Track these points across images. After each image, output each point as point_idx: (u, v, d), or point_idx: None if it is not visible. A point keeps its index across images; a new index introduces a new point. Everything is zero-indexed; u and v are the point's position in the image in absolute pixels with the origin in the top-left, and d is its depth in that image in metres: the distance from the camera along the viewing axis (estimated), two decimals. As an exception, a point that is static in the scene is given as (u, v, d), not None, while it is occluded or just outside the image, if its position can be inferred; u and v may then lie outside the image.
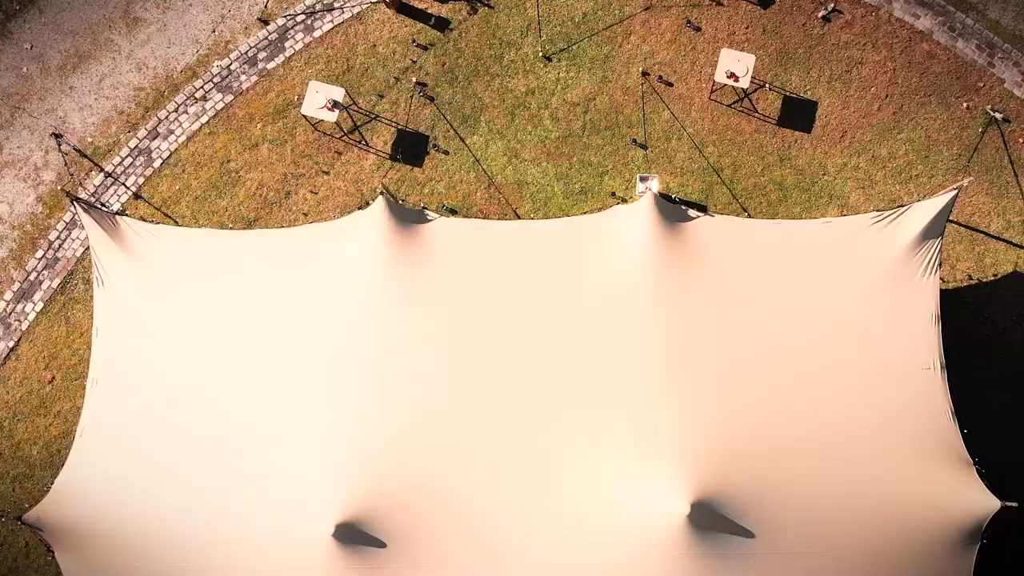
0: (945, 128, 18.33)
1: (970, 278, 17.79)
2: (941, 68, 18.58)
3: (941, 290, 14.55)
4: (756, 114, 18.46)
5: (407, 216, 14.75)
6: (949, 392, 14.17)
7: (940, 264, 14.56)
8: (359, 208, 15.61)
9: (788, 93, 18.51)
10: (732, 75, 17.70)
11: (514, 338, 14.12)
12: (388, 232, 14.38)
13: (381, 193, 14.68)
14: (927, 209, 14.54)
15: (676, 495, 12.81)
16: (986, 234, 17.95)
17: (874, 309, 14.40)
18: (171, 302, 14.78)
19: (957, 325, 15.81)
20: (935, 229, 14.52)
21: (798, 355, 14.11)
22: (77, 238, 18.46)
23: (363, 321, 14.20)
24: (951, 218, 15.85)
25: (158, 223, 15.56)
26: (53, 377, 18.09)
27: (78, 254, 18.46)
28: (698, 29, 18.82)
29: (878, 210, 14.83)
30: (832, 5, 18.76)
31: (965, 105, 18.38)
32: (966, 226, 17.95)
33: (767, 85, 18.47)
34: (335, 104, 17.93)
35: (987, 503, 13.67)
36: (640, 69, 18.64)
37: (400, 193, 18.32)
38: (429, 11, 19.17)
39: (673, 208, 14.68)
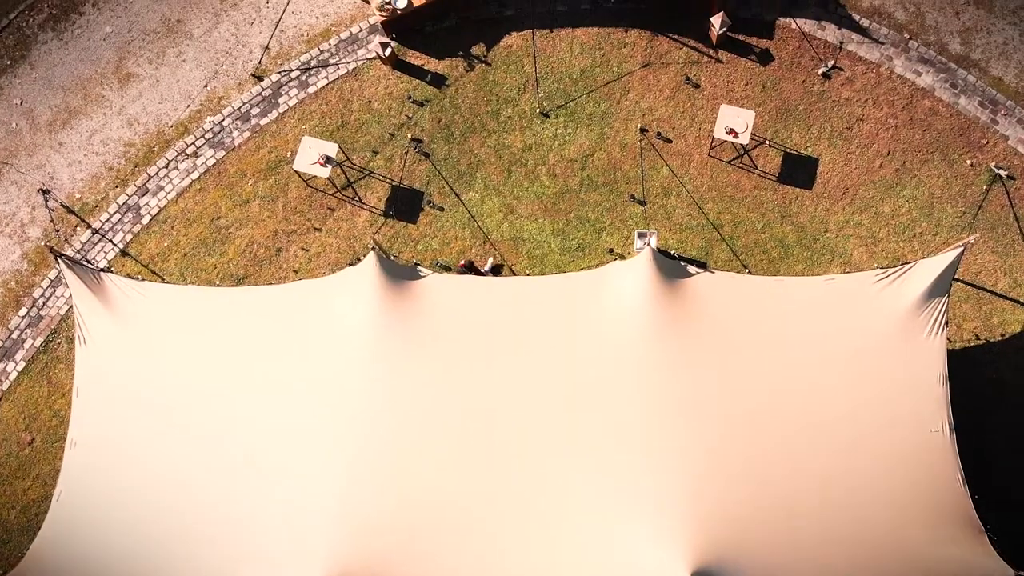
0: (949, 185, 18.04)
1: (977, 337, 17.37)
2: (944, 125, 18.34)
3: (948, 350, 14.14)
4: (756, 171, 18.18)
5: (399, 272, 14.38)
6: (959, 455, 13.68)
7: (947, 323, 14.15)
8: (350, 264, 15.25)
9: (789, 150, 18.25)
10: (731, 131, 17.45)
11: (507, 397, 13.67)
12: (379, 288, 13.99)
13: (372, 249, 14.33)
14: (932, 267, 14.17)
15: (675, 563, 12.26)
16: (993, 293, 17.57)
17: (880, 369, 13.98)
18: (155, 361, 14.36)
19: (965, 386, 15.33)
20: (941, 287, 14.15)
21: (801, 416, 13.65)
22: (62, 296, 18.09)
23: (352, 381, 13.75)
24: (957, 276, 15.50)
25: (143, 280, 15.17)
26: (33, 439, 17.60)
27: (62, 312, 18.08)
28: (697, 86, 18.63)
29: (882, 267, 14.44)
30: (832, 62, 18.60)
31: (969, 162, 18.11)
32: (972, 284, 17.58)
33: (767, 142, 18.22)
34: (328, 159, 17.66)
35: (1000, 572, 13.16)
36: (638, 125, 18.42)
37: (393, 250, 17.98)
38: (425, 67, 19.01)
39: (672, 264, 14.33)
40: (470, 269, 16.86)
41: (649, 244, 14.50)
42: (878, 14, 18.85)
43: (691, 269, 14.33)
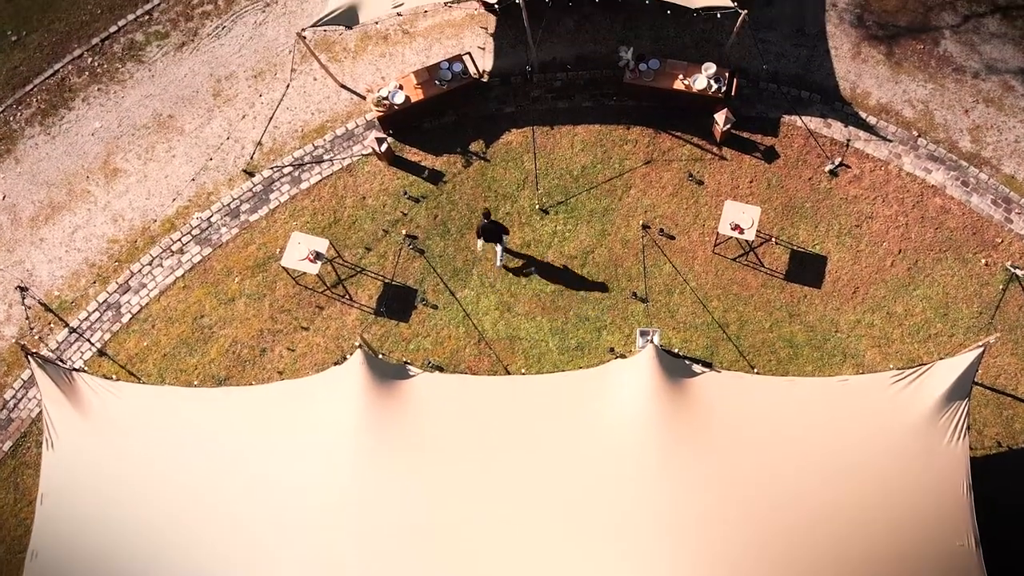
0: (963, 285, 17.35)
1: (999, 444, 16.53)
2: (956, 223, 17.74)
3: (969, 457, 13.29)
4: (763, 268, 17.53)
5: (387, 371, 13.76)
6: (985, 571, 12.88)
7: (968, 428, 13.32)
8: (336, 364, 14.48)
9: (796, 247, 17.63)
10: (737, 227, 16.87)
11: (500, 502, 13.03)
12: (366, 389, 13.48)
13: (359, 347, 13.60)
14: (951, 368, 13.58)
15: None
16: (1014, 397, 16.81)
17: (899, 477, 13.30)
18: (124, 466, 13.75)
19: (988, 496, 14.40)
20: (961, 390, 13.53)
21: (816, 526, 12.90)
22: (34, 397, 17.39)
23: (336, 483, 13.06)
24: (976, 379, 14.68)
25: (118, 380, 14.39)
26: (-5, 550, 16.69)
27: (33, 415, 17.36)
28: (700, 183, 18.13)
29: (898, 368, 13.64)
30: (839, 159, 18.13)
31: (984, 261, 17.46)
32: (992, 388, 16.81)
33: (773, 239, 17.63)
34: (318, 256, 17.07)
35: None
36: (640, 222, 17.89)
37: (384, 349, 17.26)
38: (422, 163, 18.57)
39: (676, 363, 13.65)
40: (487, 218, 16.35)
41: (652, 342, 13.81)
42: (885, 111, 18.44)
43: (696, 368, 13.63)
